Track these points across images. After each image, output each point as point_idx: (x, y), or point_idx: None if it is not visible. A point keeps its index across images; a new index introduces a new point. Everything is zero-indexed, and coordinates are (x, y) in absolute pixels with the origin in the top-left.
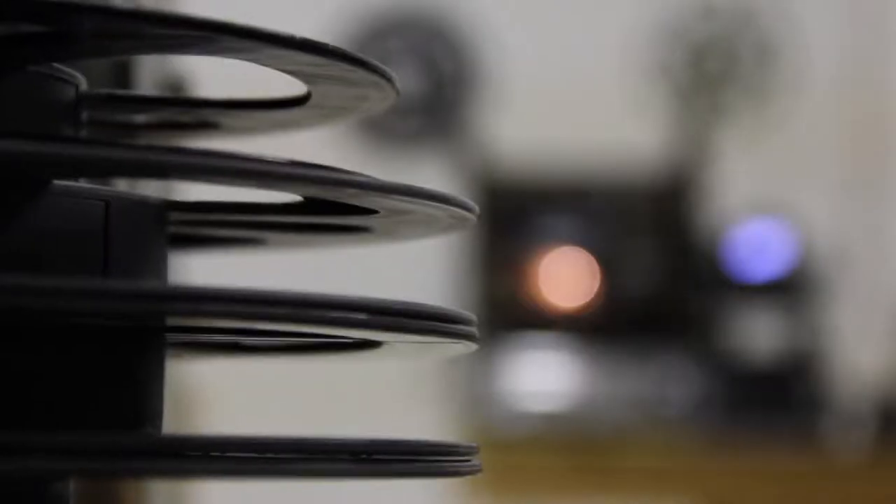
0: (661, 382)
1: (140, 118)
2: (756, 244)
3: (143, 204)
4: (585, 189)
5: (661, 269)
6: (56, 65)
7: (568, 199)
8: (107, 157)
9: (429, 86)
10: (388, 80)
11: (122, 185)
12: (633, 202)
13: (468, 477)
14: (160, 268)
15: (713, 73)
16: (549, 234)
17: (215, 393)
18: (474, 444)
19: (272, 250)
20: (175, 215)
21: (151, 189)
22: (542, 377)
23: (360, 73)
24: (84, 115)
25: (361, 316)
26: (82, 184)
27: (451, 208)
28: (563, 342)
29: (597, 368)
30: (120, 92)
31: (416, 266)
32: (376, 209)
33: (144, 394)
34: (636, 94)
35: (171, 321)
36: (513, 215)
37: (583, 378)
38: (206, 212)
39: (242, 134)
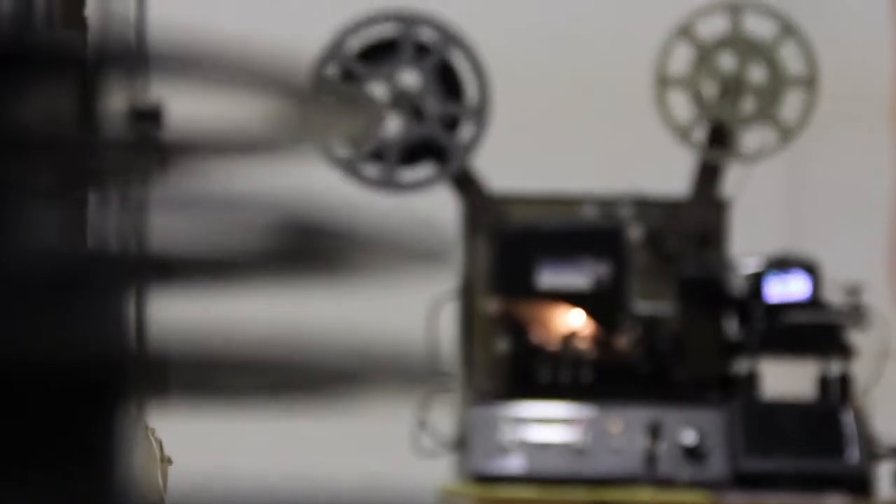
0: (679, 425)
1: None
2: (781, 287)
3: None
4: (592, 233)
5: (682, 311)
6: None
7: (575, 244)
8: None
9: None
10: (368, 106)
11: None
12: (639, 243)
13: None
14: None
15: (735, 105)
16: (554, 279)
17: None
18: None
19: (246, 288)
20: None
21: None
22: (558, 420)
23: (338, 99)
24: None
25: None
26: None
27: (422, 246)
28: (573, 385)
29: (613, 414)
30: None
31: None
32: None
33: (112, 443)
34: (650, 125)
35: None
36: (516, 258)
37: (598, 422)
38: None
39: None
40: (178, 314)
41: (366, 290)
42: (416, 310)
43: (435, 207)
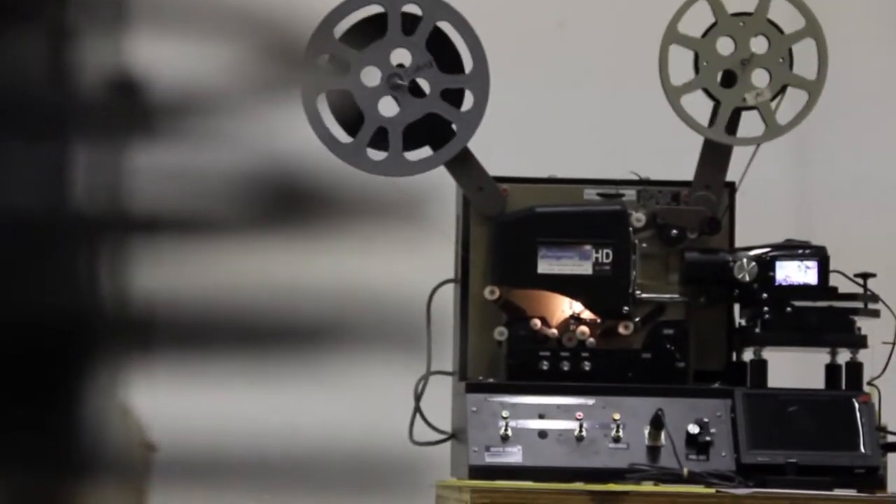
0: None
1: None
2: (789, 274)
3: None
4: (594, 218)
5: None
6: None
7: (576, 229)
8: None
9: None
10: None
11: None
12: (643, 228)
13: None
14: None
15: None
16: (554, 265)
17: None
18: None
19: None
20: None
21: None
22: (552, 413)
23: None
24: None
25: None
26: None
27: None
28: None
29: (612, 406)
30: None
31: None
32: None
33: (79, 398)
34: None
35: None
36: (517, 243)
37: (598, 415)
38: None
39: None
40: (160, 273)
41: (347, 249)
42: (413, 299)
43: (435, 191)
